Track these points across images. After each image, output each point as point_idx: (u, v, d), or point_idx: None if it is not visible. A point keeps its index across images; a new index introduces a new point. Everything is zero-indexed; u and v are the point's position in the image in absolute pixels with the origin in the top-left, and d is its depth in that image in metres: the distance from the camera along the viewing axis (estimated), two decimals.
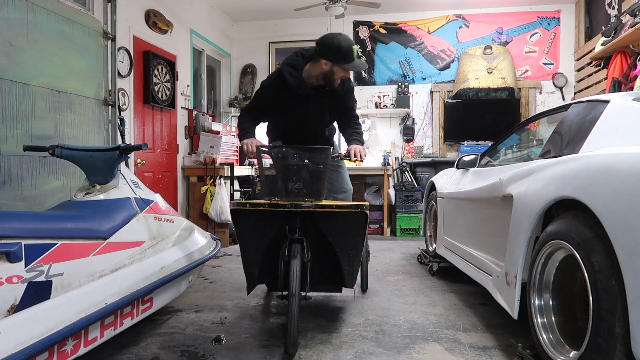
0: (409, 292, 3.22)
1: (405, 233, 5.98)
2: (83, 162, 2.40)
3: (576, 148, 1.99)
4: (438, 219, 3.70)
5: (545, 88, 6.43)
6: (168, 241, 2.64)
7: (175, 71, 5.23)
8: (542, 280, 1.88)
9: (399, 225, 6.00)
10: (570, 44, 6.35)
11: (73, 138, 3.31)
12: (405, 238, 5.82)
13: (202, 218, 5.23)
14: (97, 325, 1.89)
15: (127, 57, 4.41)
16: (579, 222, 1.60)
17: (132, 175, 2.74)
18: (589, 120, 2.06)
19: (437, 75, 6.66)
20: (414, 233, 5.94)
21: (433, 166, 6.21)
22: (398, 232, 5.99)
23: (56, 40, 3.17)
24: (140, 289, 2.12)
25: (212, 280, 3.59)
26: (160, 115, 5.02)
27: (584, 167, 1.63)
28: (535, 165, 2.08)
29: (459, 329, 2.45)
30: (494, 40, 6.52)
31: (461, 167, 3.37)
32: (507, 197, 2.23)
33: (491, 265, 2.43)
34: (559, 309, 1.84)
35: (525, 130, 3.28)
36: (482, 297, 2.98)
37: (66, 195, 3.09)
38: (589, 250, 1.52)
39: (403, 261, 4.33)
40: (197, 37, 5.92)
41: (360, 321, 2.59)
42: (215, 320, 2.63)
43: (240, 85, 7.14)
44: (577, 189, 1.61)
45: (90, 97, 3.50)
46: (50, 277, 1.75)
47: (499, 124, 6.14)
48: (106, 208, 2.27)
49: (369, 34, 6.80)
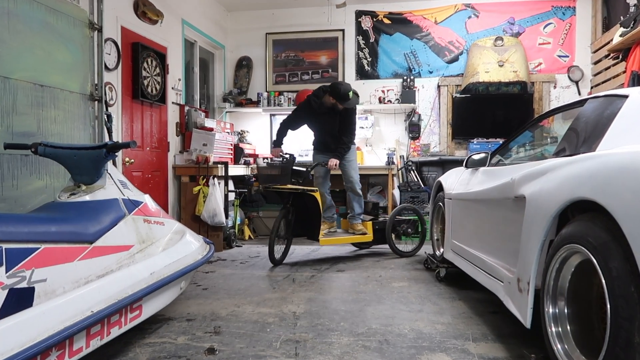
0: (415, 299, 3.22)
1: (411, 237, 5.96)
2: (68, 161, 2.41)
3: (593, 146, 1.99)
4: (446, 221, 3.70)
5: (559, 82, 6.44)
6: (158, 245, 2.64)
7: (165, 64, 5.23)
8: (556, 287, 1.88)
9: None
10: (587, 35, 6.36)
11: (57, 135, 3.31)
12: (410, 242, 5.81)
13: (195, 220, 5.24)
14: (83, 335, 1.89)
15: (115, 49, 4.41)
16: (596, 225, 1.60)
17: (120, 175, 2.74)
18: (607, 117, 2.06)
19: (444, 69, 6.67)
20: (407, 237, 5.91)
21: (440, 165, 6.22)
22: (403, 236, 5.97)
23: (39, 31, 3.17)
24: (128, 296, 2.13)
25: (205, 287, 3.59)
26: (149, 111, 5.03)
27: (601, 166, 1.63)
28: (550, 164, 2.08)
29: (468, 339, 2.45)
30: (505, 31, 6.52)
31: (470, 166, 3.37)
32: (520, 198, 2.23)
33: (502, 271, 2.43)
34: (574, 317, 1.84)
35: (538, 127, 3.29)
36: (492, 304, 2.98)
37: (50, 196, 3.08)
38: (606, 255, 1.52)
39: (408, 266, 4.33)
40: (189, 27, 5.92)
41: (363, 330, 2.59)
42: (209, 329, 2.63)
43: (235, 79, 7.14)
44: (593, 189, 1.61)
45: (75, 92, 3.50)
46: (32, 284, 1.75)
47: (511, 121, 6.15)
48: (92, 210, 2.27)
49: (372, 24, 6.81)
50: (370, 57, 6.83)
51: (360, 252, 5.05)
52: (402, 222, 4.98)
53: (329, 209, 4.85)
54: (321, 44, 6.96)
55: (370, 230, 4.78)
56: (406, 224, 4.97)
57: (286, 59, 7.06)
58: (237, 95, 6.90)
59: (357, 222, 4.81)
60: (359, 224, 4.81)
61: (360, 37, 6.84)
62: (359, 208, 4.80)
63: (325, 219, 4.80)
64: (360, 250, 5.15)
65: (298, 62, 7.03)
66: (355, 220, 4.82)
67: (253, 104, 6.88)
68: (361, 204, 4.82)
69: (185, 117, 5.65)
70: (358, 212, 4.80)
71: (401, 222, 4.97)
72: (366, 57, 6.84)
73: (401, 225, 4.97)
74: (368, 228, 4.79)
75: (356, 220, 4.82)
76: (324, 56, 6.96)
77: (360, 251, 5.11)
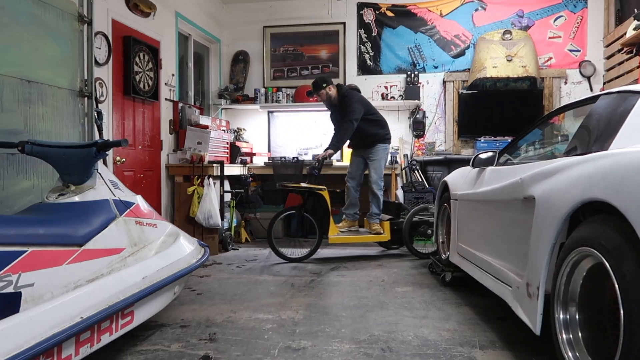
0: (419, 304, 3.22)
1: (415, 239, 5.96)
2: (56, 160, 2.40)
3: (605, 144, 1.99)
4: (451, 223, 3.70)
5: (571, 77, 6.43)
6: (151, 248, 2.64)
7: (158, 59, 5.23)
8: (567, 292, 1.88)
9: None
10: (599, 29, 6.35)
11: (45, 133, 3.30)
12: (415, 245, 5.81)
13: (189, 222, 5.23)
14: (72, 342, 1.89)
15: (105, 43, 4.41)
16: (609, 227, 1.60)
17: (111, 175, 2.74)
18: (620, 114, 2.06)
19: (450, 64, 6.67)
20: (425, 239, 5.93)
21: (446, 164, 6.20)
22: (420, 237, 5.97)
23: (25, 24, 3.17)
24: (119, 302, 2.12)
25: (200, 292, 3.59)
26: (142, 107, 5.02)
27: (615, 165, 1.63)
28: (560, 163, 2.08)
29: (475, 346, 2.45)
30: (513, 24, 6.52)
31: (477, 166, 3.37)
32: (529, 199, 2.23)
33: (511, 275, 2.43)
34: (586, 323, 1.84)
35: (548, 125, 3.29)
36: (500, 310, 2.98)
37: (37, 197, 3.08)
38: (619, 259, 1.52)
39: (412, 270, 4.33)
40: (183, 20, 5.92)
41: (365, 337, 2.59)
42: (204, 336, 2.63)
43: (231, 75, 7.14)
44: (606, 190, 1.61)
45: (63, 88, 3.50)
46: (19, 288, 1.75)
47: (520, 118, 6.14)
48: (82, 211, 2.27)
49: (375, 17, 6.81)
50: (372, 51, 6.82)
51: (361, 255, 5.05)
52: (422, 223, 4.99)
53: (351, 207, 5.10)
54: (321, 38, 6.96)
55: (388, 230, 4.92)
56: (426, 225, 4.98)
57: (285, 53, 7.06)
58: (234, 91, 6.90)
59: (374, 222, 5.02)
60: (375, 224, 5.01)
61: (362, 31, 6.84)
62: (376, 208, 5.03)
63: (346, 217, 5.12)
64: (386, 250, 5.28)
65: (297, 57, 7.03)
66: (373, 219, 5.03)
67: (250, 101, 6.88)
68: (378, 204, 5.02)
69: (179, 114, 5.65)
70: (375, 212, 5.02)
71: (421, 223, 4.98)
72: (368, 51, 6.84)
73: (422, 227, 4.98)
74: (385, 228, 4.94)
75: (373, 220, 5.02)
76: (324, 50, 6.95)
77: (363, 253, 5.12)
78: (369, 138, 4.98)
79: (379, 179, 4.97)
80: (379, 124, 5.07)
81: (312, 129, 6.89)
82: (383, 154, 5.04)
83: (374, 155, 4.99)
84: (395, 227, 4.97)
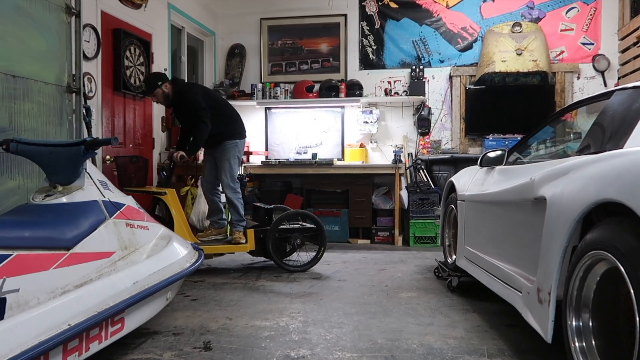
0: (425, 311, 3.22)
1: (420, 242, 5.98)
2: (42, 159, 2.41)
3: (620, 143, 1.99)
4: (458, 225, 3.70)
5: (584, 72, 6.44)
6: (142, 252, 2.64)
7: (150, 52, 5.23)
8: (580, 298, 1.88)
9: (413, 233, 6.00)
10: (614, 21, 6.36)
11: (31, 131, 3.31)
12: (419, 248, 5.83)
13: None
14: (59, 351, 1.89)
15: (94, 35, 4.41)
16: (624, 230, 1.60)
17: (100, 175, 2.74)
18: (636, 110, 2.06)
19: (457, 58, 6.67)
20: (430, 242, 5.95)
21: (452, 164, 6.21)
22: (412, 242, 6.00)
23: (11, 17, 3.17)
24: (109, 308, 2.12)
25: (194, 298, 3.59)
26: (132, 104, 5.03)
27: (630, 165, 1.63)
28: (573, 162, 2.08)
29: (483, 355, 2.45)
30: (523, 16, 6.52)
31: (485, 165, 3.37)
32: (540, 199, 2.24)
33: (520, 280, 2.43)
34: (599, 331, 1.84)
35: (560, 122, 3.29)
36: (509, 317, 2.98)
37: (23, 198, 3.08)
38: (635, 263, 1.52)
39: (417, 275, 4.33)
40: (176, 12, 5.92)
41: (368, 345, 2.59)
42: (198, 344, 2.63)
43: (226, 69, 7.15)
44: (621, 190, 1.61)
45: (50, 83, 3.50)
46: (3, 294, 1.75)
47: (530, 115, 6.15)
48: (69, 213, 2.27)
49: (378, 9, 6.81)
50: (375, 44, 6.83)
51: (363, 258, 5.05)
52: (292, 231, 4.63)
53: (214, 213, 4.75)
54: (321, 31, 6.96)
55: (252, 239, 4.54)
56: (297, 233, 4.61)
57: (283, 47, 7.06)
58: (229, 86, 6.90)
59: (236, 230, 4.59)
60: (237, 232, 4.58)
61: (364, 23, 6.84)
62: (236, 214, 4.59)
63: (211, 224, 4.75)
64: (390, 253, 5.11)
65: (296, 51, 7.03)
66: (234, 227, 4.61)
67: (246, 97, 6.88)
68: (237, 210, 4.58)
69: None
70: (235, 219, 4.62)
71: (291, 231, 4.63)
72: (371, 44, 6.84)
73: (293, 234, 4.62)
74: (249, 236, 4.55)
75: (235, 228, 4.60)
76: (325, 44, 6.96)
77: (365, 257, 5.12)
78: (216, 136, 4.49)
79: (231, 181, 4.54)
80: (228, 118, 4.63)
81: (311, 127, 6.90)
82: (233, 152, 4.56)
83: (222, 154, 4.53)
84: (261, 236, 4.55)
